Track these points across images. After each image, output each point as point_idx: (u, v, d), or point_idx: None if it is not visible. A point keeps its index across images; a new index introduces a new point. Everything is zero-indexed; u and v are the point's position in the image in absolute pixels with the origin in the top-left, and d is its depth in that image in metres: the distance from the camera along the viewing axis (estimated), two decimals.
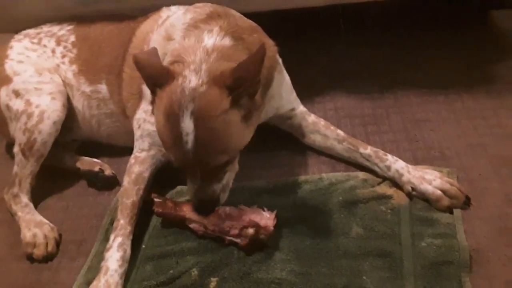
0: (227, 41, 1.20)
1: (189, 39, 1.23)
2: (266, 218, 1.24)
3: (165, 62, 1.22)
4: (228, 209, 1.27)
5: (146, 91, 1.40)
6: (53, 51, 1.61)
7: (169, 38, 1.32)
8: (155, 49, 1.22)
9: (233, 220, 1.26)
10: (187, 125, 1.09)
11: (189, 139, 1.10)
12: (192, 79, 1.11)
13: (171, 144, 1.13)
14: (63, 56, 1.60)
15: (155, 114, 1.17)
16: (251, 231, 1.23)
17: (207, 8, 1.35)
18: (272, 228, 1.23)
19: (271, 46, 1.34)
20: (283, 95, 1.48)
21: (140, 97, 1.44)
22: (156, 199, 1.35)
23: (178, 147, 1.12)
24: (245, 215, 1.26)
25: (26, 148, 1.46)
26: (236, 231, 1.25)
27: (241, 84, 1.09)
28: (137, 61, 1.14)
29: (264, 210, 1.27)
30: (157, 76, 1.14)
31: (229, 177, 1.22)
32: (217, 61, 1.15)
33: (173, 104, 1.10)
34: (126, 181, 1.39)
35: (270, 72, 1.31)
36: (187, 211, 1.31)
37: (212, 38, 1.20)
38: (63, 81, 1.57)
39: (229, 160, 1.17)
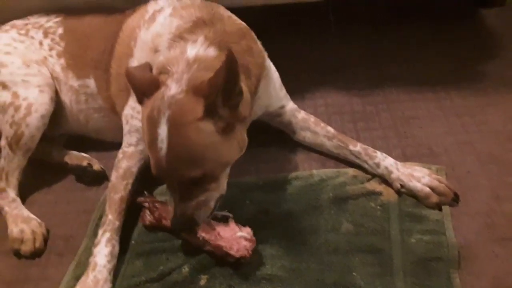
0: (211, 52, 1.19)
1: (174, 50, 1.23)
2: (242, 243, 1.18)
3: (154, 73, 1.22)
4: (205, 225, 1.21)
5: None
6: (41, 43, 1.58)
7: (155, 49, 1.31)
8: (148, 63, 1.24)
9: (208, 237, 1.21)
10: (162, 130, 1.09)
11: (163, 145, 1.09)
12: (172, 87, 1.12)
13: (149, 149, 1.14)
14: (51, 49, 1.58)
15: (142, 120, 1.17)
16: (219, 255, 1.20)
17: (193, 10, 1.31)
18: (248, 255, 1.17)
19: (260, 52, 1.33)
20: (272, 93, 1.48)
21: (128, 93, 1.42)
22: (144, 204, 1.34)
23: (154, 153, 1.12)
24: (219, 237, 1.19)
25: (13, 141, 1.44)
26: (209, 249, 1.22)
27: (214, 92, 1.07)
28: (128, 74, 1.17)
29: (240, 230, 1.20)
30: (146, 87, 1.15)
31: (209, 196, 1.16)
32: (198, 71, 1.14)
33: (153, 110, 1.11)
34: (114, 176, 1.38)
35: (259, 79, 1.30)
36: None
37: (195, 49, 1.19)
38: (51, 74, 1.55)
39: (206, 174, 1.12)
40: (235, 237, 1.18)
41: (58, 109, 1.55)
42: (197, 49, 1.19)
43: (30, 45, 1.57)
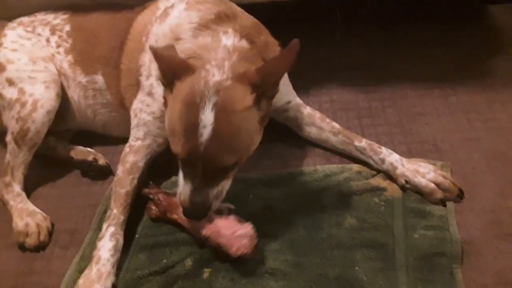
0: (244, 44, 1.21)
1: (203, 38, 1.22)
2: (242, 242, 1.16)
3: None
4: (207, 221, 1.20)
5: (144, 82, 1.40)
6: (48, 40, 1.60)
7: (176, 38, 1.27)
8: (173, 45, 1.20)
9: (209, 234, 1.21)
10: (207, 117, 1.07)
11: (206, 131, 1.07)
12: (215, 73, 1.10)
13: (183, 133, 1.09)
14: (58, 46, 1.59)
15: (171, 103, 1.13)
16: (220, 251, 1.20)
17: (210, 5, 1.31)
18: (249, 252, 1.16)
19: (275, 46, 1.33)
20: (280, 88, 1.48)
21: (137, 88, 1.43)
22: (150, 196, 1.33)
23: (189, 138, 1.08)
24: (219, 235, 1.19)
25: (19, 137, 1.45)
26: (211, 245, 1.21)
27: (267, 82, 1.08)
28: (156, 52, 1.13)
29: (242, 227, 1.18)
30: (176, 68, 1.12)
31: (225, 185, 1.17)
32: (239, 61, 1.15)
33: (195, 94, 1.08)
34: (120, 170, 1.38)
35: None
36: (180, 216, 1.27)
37: (230, 39, 1.20)
38: (58, 70, 1.56)
39: (236, 163, 1.13)
40: (234, 236, 1.17)
41: (65, 105, 1.56)
42: (232, 39, 1.19)
43: (37, 42, 1.59)
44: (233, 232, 1.18)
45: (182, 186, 1.15)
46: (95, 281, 1.19)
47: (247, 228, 1.18)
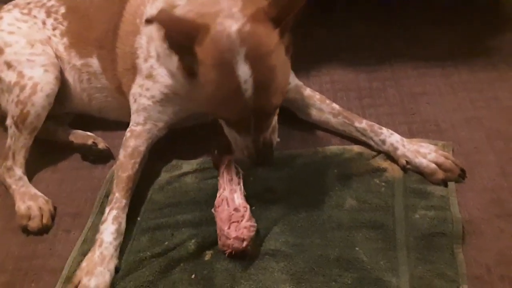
0: None
1: None
2: (227, 240, 1.16)
3: None
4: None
5: (142, 65, 1.38)
6: (44, 23, 1.58)
7: (172, 5, 1.21)
8: (166, 10, 1.16)
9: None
10: (244, 71, 1.05)
11: (248, 85, 1.05)
12: (231, 23, 1.06)
13: (227, 98, 1.08)
14: (54, 28, 1.57)
15: (202, 72, 1.09)
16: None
17: None
18: (242, 247, 1.15)
19: None
20: None
21: (134, 72, 1.41)
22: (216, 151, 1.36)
23: (236, 100, 1.07)
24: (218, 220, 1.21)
25: (19, 120, 1.45)
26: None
27: (289, 11, 1.06)
28: (160, 19, 1.08)
29: (238, 223, 1.17)
30: (189, 31, 1.07)
31: (274, 119, 1.20)
32: (245, 3, 1.10)
33: (223, 53, 1.05)
34: (121, 154, 1.38)
35: None
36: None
37: None
38: (55, 53, 1.54)
39: (281, 102, 1.15)
40: (223, 233, 1.17)
41: (61, 88, 1.55)
42: None
43: (33, 24, 1.57)
44: (223, 228, 1.18)
45: (239, 142, 1.18)
46: (98, 263, 1.20)
47: (238, 231, 1.16)
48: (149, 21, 1.10)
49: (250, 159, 1.19)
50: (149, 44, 1.36)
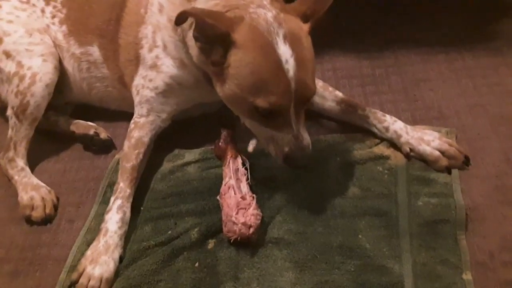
0: None
1: None
2: (233, 227, 1.16)
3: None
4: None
5: (146, 55, 1.37)
6: (43, 11, 1.56)
7: (191, 3, 1.20)
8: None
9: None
10: (285, 50, 1.07)
11: (290, 65, 1.07)
12: (265, 12, 1.10)
13: (272, 79, 1.07)
14: (53, 17, 1.56)
15: (240, 57, 1.08)
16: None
17: None
18: (242, 239, 1.16)
19: None
20: None
21: (137, 63, 1.40)
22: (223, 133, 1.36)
23: (280, 80, 1.07)
24: (224, 207, 1.21)
25: (19, 111, 1.44)
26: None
27: (316, 10, 1.12)
28: (194, 12, 1.09)
29: (245, 210, 1.18)
30: (224, 21, 1.08)
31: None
32: (272, 1, 1.15)
33: (263, 35, 1.07)
34: (126, 145, 1.39)
35: None
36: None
37: None
38: (53, 42, 1.53)
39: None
40: (230, 219, 1.18)
41: (61, 77, 1.54)
42: None
43: (32, 13, 1.56)
44: (230, 214, 1.18)
45: (280, 139, 1.14)
46: (103, 252, 1.20)
47: (246, 217, 1.17)
48: (182, 15, 1.08)
49: (290, 160, 1.15)
50: (155, 33, 1.34)
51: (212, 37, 1.10)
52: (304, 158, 1.15)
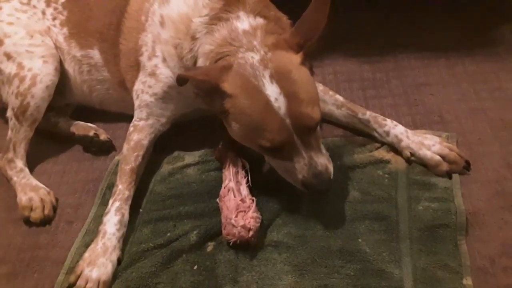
0: (260, 20, 1.21)
1: (219, 32, 1.20)
2: (232, 229, 1.16)
3: (203, 64, 1.21)
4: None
5: (146, 62, 1.38)
6: (43, 13, 1.57)
7: (192, 36, 1.24)
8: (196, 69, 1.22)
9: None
10: (272, 89, 1.10)
11: (280, 102, 1.09)
12: (252, 55, 1.13)
13: (265, 120, 1.10)
14: (54, 18, 1.56)
15: (235, 106, 1.12)
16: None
17: None
18: (248, 237, 1.15)
19: (283, 18, 1.30)
20: None
21: (138, 68, 1.41)
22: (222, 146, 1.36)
23: (273, 119, 1.10)
24: (223, 209, 1.21)
25: (19, 112, 1.44)
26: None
27: (309, 38, 1.13)
28: (189, 76, 1.14)
29: (244, 213, 1.18)
30: (217, 75, 1.13)
31: (323, 147, 1.19)
32: (265, 36, 1.17)
33: (249, 80, 1.11)
34: (125, 148, 1.39)
35: None
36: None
37: (245, 22, 1.19)
38: (54, 44, 1.53)
39: (320, 116, 1.14)
40: (230, 221, 1.17)
41: (62, 79, 1.54)
42: (247, 21, 1.20)
43: (33, 15, 1.56)
44: (230, 217, 1.18)
45: (293, 169, 1.15)
46: (101, 254, 1.20)
47: (245, 220, 1.16)
48: (180, 78, 1.14)
49: (307, 186, 1.15)
50: (154, 43, 1.35)
51: (207, 91, 1.16)
52: (322, 183, 1.14)
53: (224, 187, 1.26)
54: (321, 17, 1.14)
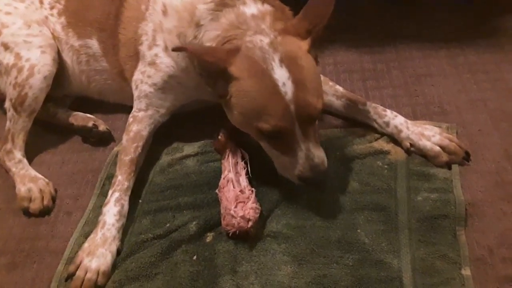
0: (268, 7, 1.20)
1: (225, 18, 1.18)
2: (231, 220, 1.16)
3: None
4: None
5: (146, 51, 1.37)
6: (41, 2, 1.56)
7: (196, 23, 1.22)
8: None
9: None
10: (281, 73, 1.09)
11: (287, 87, 1.08)
12: (261, 38, 1.12)
13: (269, 104, 1.09)
14: (52, 8, 1.55)
15: (240, 88, 1.11)
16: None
17: None
18: (240, 233, 1.16)
19: (287, 9, 1.28)
20: None
21: (137, 58, 1.40)
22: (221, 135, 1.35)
23: (278, 104, 1.09)
24: (222, 200, 1.21)
25: (18, 103, 1.44)
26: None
27: (316, 25, 1.13)
28: (193, 49, 1.14)
29: (243, 204, 1.17)
30: (221, 57, 1.11)
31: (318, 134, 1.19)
32: (274, 21, 1.15)
33: (257, 62, 1.09)
34: (124, 139, 1.39)
35: None
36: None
37: (252, 7, 1.18)
38: (52, 33, 1.52)
39: (322, 107, 1.14)
40: (229, 212, 1.17)
41: (60, 69, 1.53)
42: (255, 6, 1.18)
43: (30, 4, 1.55)
44: (229, 207, 1.18)
45: (290, 160, 1.15)
46: (100, 245, 1.20)
47: (244, 211, 1.16)
48: (181, 49, 1.14)
49: (303, 179, 1.15)
50: (155, 32, 1.34)
51: (213, 73, 1.14)
52: (317, 176, 1.15)
53: (224, 178, 1.26)
54: (328, 2, 1.13)
